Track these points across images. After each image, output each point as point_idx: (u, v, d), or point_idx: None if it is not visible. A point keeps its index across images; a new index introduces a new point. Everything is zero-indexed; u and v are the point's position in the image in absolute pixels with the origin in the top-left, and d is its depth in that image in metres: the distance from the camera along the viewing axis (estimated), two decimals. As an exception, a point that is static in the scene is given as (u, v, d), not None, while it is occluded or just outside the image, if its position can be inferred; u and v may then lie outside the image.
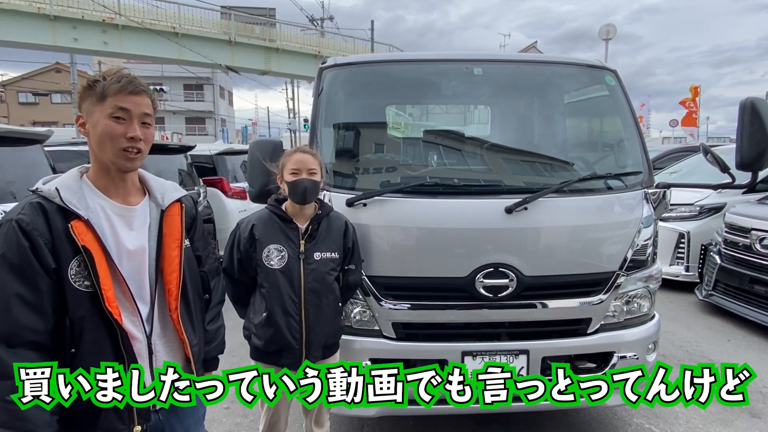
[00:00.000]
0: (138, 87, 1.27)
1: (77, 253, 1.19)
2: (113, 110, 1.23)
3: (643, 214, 2.45)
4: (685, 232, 5.73)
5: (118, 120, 1.23)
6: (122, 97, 1.23)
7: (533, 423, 2.93)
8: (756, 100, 2.32)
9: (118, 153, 1.24)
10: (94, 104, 1.24)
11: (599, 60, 2.86)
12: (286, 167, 1.95)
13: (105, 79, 1.24)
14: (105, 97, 1.23)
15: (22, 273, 1.15)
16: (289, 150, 2.04)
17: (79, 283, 1.19)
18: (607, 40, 17.00)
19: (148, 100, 1.30)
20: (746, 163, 2.34)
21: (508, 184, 2.54)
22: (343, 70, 2.76)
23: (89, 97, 1.25)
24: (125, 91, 1.24)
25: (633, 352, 2.44)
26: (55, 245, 1.18)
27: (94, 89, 1.24)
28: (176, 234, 1.37)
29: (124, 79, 1.25)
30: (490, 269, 2.27)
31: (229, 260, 2.03)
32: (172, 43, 20.57)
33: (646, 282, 2.49)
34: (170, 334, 1.37)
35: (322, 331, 2.01)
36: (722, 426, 2.96)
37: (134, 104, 1.25)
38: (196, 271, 1.47)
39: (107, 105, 1.23)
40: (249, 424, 3.00)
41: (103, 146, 1.24)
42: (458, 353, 2.32)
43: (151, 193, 1.39)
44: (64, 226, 1.19)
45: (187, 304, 1.39)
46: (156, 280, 1.33)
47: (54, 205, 1.20)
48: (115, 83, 1.23)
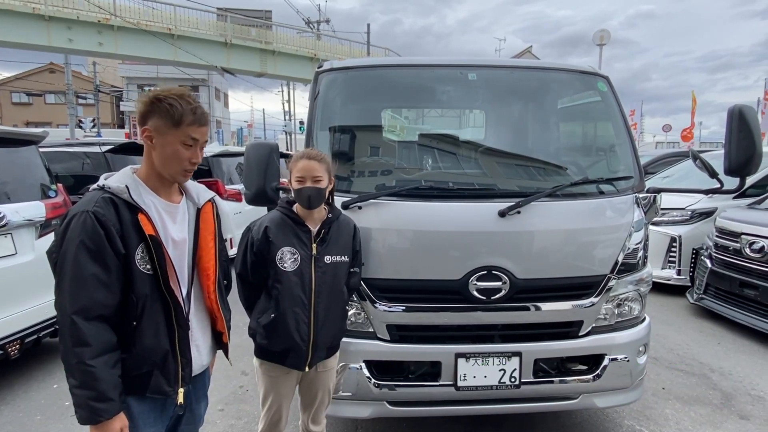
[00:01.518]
0: (206, 119, 1.47)
1: (141, 241, 1.39)
2: (186, 139, 1.43)
3: (634, 219, 2.49)
4: (677, 236, 5.79)
5: (187, 147, 1.44)
6: (195, 129, 1.44)
7: (526, 425, 2.96)
8: (744, 108, 2.37)
9: (180, 172, 1.46)
10: (169, 127, 1.41)
11: (591, 66, 2.90)
12: (293, 173, 1.96)
13: (180, 105, 1.40)
14: (180, 124, 1.41)
15: (98, 256, 1.33)
16: (297, 154, 2.02)
17: (143, 266, 1.40)
18: (602, 46, 17.15)
19: (207, 129, 1.51)
20: (734, 168, 2.38)
21: (502, 188, 2.58)
22: (339, 74, 2.78)
23: (161, 117, 1.40)
24: (198, 123, 1.44)
25: (624, 355, 2.48)
26: (123, 234, 1.37)
27: (170, 113, 1.39)
28: (211, 228, 1.61)
29: (198, 110, 1.44)
30: (484, 272, 2.30)
31: (242, 264, 2.02)
32: (167, 44, 20.54)
33: (636, 285, 2.53)
34: (201, 313, 1.60)
35: (328, 333, 2.03)
36: (712, 428, 3.00)
37: (201, 134, 1.47)
38: (222, 261, 1.70)
39: (182, 133, 1.41)
40: (243, 425, 3.01)
41: (168, 164, 1.44)
42: (452, 355, 2.34)
43: (187, 193, 1.60)
44: (131, 218, 1.38)
45: (219, 287, 1.63)
46: (193, 266, 1.55)
47: (122, 200, 1.38)
48: (191, 114, 1.42)
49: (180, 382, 1.51)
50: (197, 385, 1.66)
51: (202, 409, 1.74)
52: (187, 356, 1.52)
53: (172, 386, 1.49)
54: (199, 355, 1.59)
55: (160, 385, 1.46)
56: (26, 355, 3.55)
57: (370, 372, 2.37)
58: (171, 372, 1.48)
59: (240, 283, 2.06)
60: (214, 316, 1.64)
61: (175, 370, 1.49)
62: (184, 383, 1.53)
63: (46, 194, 3.89)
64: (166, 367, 1.47)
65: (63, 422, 3.08)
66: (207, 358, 1.65)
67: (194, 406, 1.67)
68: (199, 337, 1.59)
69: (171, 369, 1.48)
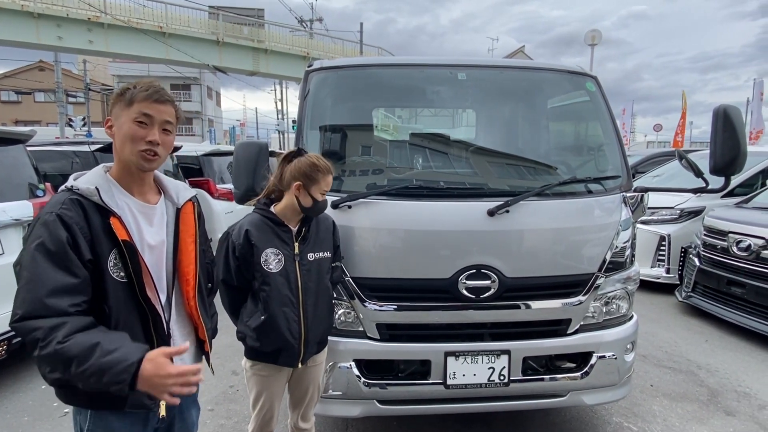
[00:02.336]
0: (163, 96, 1.39)
1: (113, 246, 1.30)
2: (137, 115, 1.34)
3: (622, 217, 2.51)
4: (666, 235, 5.85)
5: (141, 124, 1.35)
6: (147, 104, 1.35)
7: (515, 422, 2.98)
8: (729, 108, 2.40)
9: (136, 154, 1.35)
10: (123, 109, 1.35)
11: (580, 66, 2.93)
12: (320, 185, 1.95)
13: (135, 88, 1.37)
14: (132, 103, 1.34)
15: (58, 260, 1.23)
16: (322, 166, 1.98)
17: (116, 274, 1.31)
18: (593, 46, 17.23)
19: (172, 110, 1.41)
20: (719, 168, 2.41)
21: (491, 187, 2.59)
22: (329, 73, 2.78)
23: (119, 102, 1.36)
24: (151, 99, 1.36)
25: (612, 352, 2.50)
26: (93, 239, 1.28)
27: (124, 96, 1.36)
28: (191, 230, 1.52)
29: (151, 88, 1.37)
30: (473, 271, 2.31)
31: (225, 269, 2.00)
32: (159, 42, 20.39)
33: (624, 283, 2.55)
34: (183, 319, 1.51)
35: (318, 328, 2.06)
36: (698, 424, 3.03)
37: (157, 111, 1.37)
38: (205, 264, 1.62)
39: (133, 110, 1.34)
40: (233, 425, 3.00)
41: (124, 147, 1.35)
42: (441, 353, 2.36)
43: (166, 192, 1.51)
44: (101, 222, 1.29)
45: (200, 293, 1.54)
46: (173, 271, 1.46)
47: (91, 203, 1.30)
48: (143, 91, 1.35)
49: None
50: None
51: (194, 416, 1.67)
52: None
53: (153, 398, 1.36)
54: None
55: (140, 398, 1.34)
56: (14, 356, 3.52)
57: (360, 371, 2.38)
58: None
59: (224, 289, 2.04)
60: (194, 323, 1.53)
61: None
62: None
63: (34, 193, 3.86)
64: None
65: (51, 423, 3.06)
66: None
67: (185, 414, 1.60)
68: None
69: None
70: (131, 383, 1.18)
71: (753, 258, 4.36)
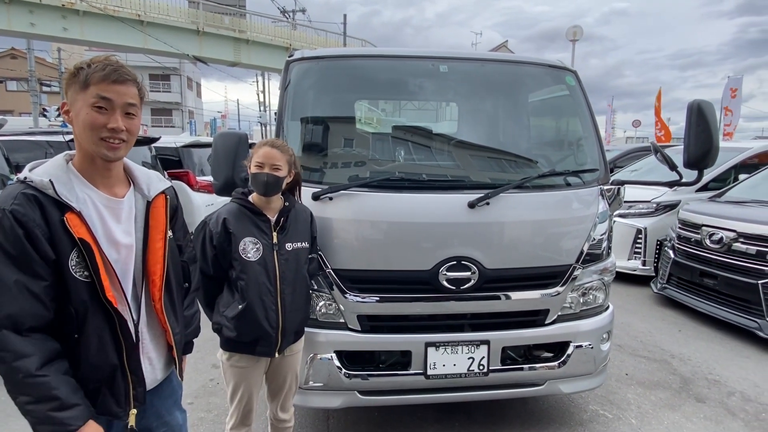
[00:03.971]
0: (123, 75, 1.23)
1: (74, 245, 1.19)
2: (95, 99, 1.20)
3: (599, 210, 2.56)
4: (643, 228, 5.98)
5: (100, 110, 1.21)
6: (105, 86, 1.21)
7: (495, 411, 3.03)
8: (702, 103, 2.45)
9: (98, 142, 1.22)
10: (77, 92, 1.21)
11: (560, 60, 2.96)
12: (253, 158, 1.98)
13: (90, 66, 1.21)
14: (88, 85, 1.20)
15: (19, 261, 1.15)
16: (261, 141, 2.04)
17: (79, 273, 1.21)
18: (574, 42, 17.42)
19: (134, 90, 1.27)
20: (692, 162, 2.47)
21: (472, 180, 2.61)
22: (310, 63, 2.76)
23: (74, 84, 1.22)
24: (108, 80, 1.21)
25: (588, 342, 2.56)
26: (53, 237, 1.18)
27: (78, 77, 1.21)
28: (161, 226, 1.39)
29: (108, 67, 1.22)
30: (453, 262, 2.33)
31: (203, 259, 1.99)
32: (136, 31, 19.90)
33: (601, 274, 2.60)
34: (154, 322, 1.40)
35: (296, 318, 2.06)
36: (670, 410, 3.13)
37: (117, 94, 1.22)
38: (178, 262, 1.50)
39: (89, 94, 1.20)
40: (213, 418, 2.98)
41: (84, 135, 1.23)
42: (422, 344, 2.38)
43: (136, 183, 1.38)
44: (59, 218, 1.18)
45: (170, 294, 1.42)
46: (142, 270, 1.35)
47: (48, 197, 1.18)
48: (99, 71, 1.20)
49: (132, 403, 1.32)
50: (162, 395, 1.48)
51: (179, 419, 1.56)
52: (138, 374, 1.33)
53: (123, 407, 1.30)
54: (152, 369, 1.39)
55: (108, 405, 1.28)
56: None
57: (340, 362, 2.39)
58: (120, 391, 1.30)
59: (200, 280, 2.02)
60: (162, 328, 1.41)
61: (125, 390, 1.30)
62: (137, 403, 1.34)
63: (4, 184, 3.75)
64: (115, 386, 1.29)
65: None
66: (161, 373, 1.44)
67: (167, 419, 1.50)
68: (152, 349, 1.39)
69: (120, 388, 1.29)
70: None
71: (725, 250, 4.49)
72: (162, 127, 38.44)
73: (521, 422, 2.93)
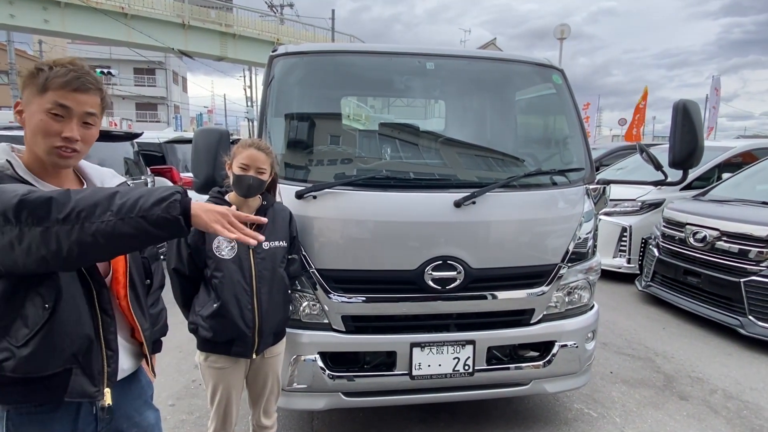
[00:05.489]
0: (85, 84, 1.17)
1: None
2: (52, 106, 1.14)
3: (585, 209, 2.55)
4: (628, 226, 6.02)
5: (55, 117, 1.14)
6: (64, 93, 1.14)
7: (480, 411, 3.02)
8: (687, 103, 2.46)
9: (50, 150, 1.16)
10: (34, 94, 1.15)
11: (548, 59, 2.94)
12: (237, 159, 1.93)
13: (51, 69, 1.14)
14: (46, 89, 1.13)
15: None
16: (244, 141, 1.98)
17: None
18: (562, 40, 17.50)
19: (96, 99, 1.20)
20: (678, 161, 2.48)
21: (459, 179, 2.59)
22: (294, 58, 2.71)
23: (31, 85, 1.15)
24: (69, 87, 1.15)
25: (573, 341, 2.55)
26: None
27: (37, 79, 1.14)
28: None
29: (71, 73, 1.15)
30: (439, 262, 2.30)
31: (177, 258, 1.96)
32: (120, 24, 19.52)
33: (586, 274, 2.60)
34: (121, 319, 1.34)
35: (273, 319, 2.01)
36: (654, 409, 3.15)
37: (76, 102, 1.16)
38: (139, 259, 1.45)
39: (46, 99, 1.13)
40: (195, 420, 2.93)
41: (36, 141, 1.16)
42: (407, 345, 2.35)
43: (89, 181, 1.33)
44: None
45: (134, 291, 1.37)
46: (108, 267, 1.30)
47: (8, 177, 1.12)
48: (60, 76, 1.14)
49: (105, 381, 1.25)
50: (131, 396, 1.41)
51: (152, 418, 1.49)
52: (113, 348, 1.26)
53: (97, 386, 1.22)
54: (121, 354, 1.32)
55: (81, 385, 1.19)
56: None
57: (324, 363, 2.35)
58: (95, 367, 1.21)
59: (176, 279, 1.99)
60: (130, 324, 1.36)
61: (100, 366, 1.23)
62: (110, 382, 1.27)
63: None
64: (91, 360, 1.21)
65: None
66: (128, 363, 1.37)
67: (137, 419, 1.43)
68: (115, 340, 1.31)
69: (96, 363, 1.22)
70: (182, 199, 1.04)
71: (708, 249, 4.54)
72: (147, 122, 37.85)
73: (506, 422, 2.92)
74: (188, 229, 1.07)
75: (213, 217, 1.09)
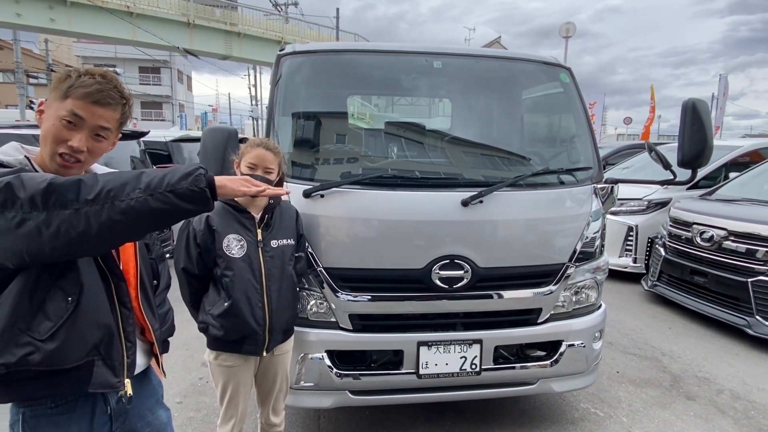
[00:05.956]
0: (106, 99, 1.17)
1: None
2: (67, 114, 1.15)
3: (593, 208, 2.55)
4: (634, 225, 6.00)
5: (68, 124, 1.15)
6: (83, 104, 1.15)
7: (486, 410, 3.01)
8: (697, 101, 2.44)
9: (53, 156, 1.17)
10: (56, 99, 1.17)
11: (554, 57, 2.93)
12: (245, 158, 1.95)
13: (78, 78, 1.16)
14: (67, 96, 1.15)
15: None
16: (252, 140, 2.00)
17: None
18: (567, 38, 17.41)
19: (116, 115, 1.21)
20: (687, 160, 2.46)
21: (466, 178, 2.58)
22: (301, 57, 2.71)
23: (57, 89, 1.17)
24: (89, 99, 1.16)
25: (580, 341, 2.55)
26: None
27: (62, 85, 1.16)
28: None
29: (95, 85, 1.16)
30: (446, 261, 2.30)
31: (186, 257, 1.96)
32: (126, 22, 19.60)
33: (594, 273, 2.59)
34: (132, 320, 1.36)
35: (283, 316, 2.02)
36: (660, 408, 3.14)
37: (92, 115, 1.16)
38: (147, 259, 1.46)
39: (64, 106, 1.15)
40: (202, 418, 2.94)
41: (44, 143, 1.18)
42: (414, 344, 2.35)
43: None
44: None
45: (144, 292, 1.38)
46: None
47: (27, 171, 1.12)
48: (83, 87, 1.15)
49: (125, 372, 1.27)
50: (144, 393, 1.43)
51: (164, 417, 1.51)
52: (131, 339, 1.29)
53: (119, 377, 1.24)
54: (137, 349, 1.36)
55: (104, 376, 1.21)
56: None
57: (332, 362, 2.36)
58: (116, 357, 1.23)
59: (185, 279, 2.00)
60: (141, 325, 1.38)
61: (120, 357, 1.25)
62: (130, 373, 1.30)
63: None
64: (110, 352, 1.22)
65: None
66: (141, 359, 1.39)
67: (150, 418, 1.45)
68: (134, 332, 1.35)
69: (118, 353, 1.24)
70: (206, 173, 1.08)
71: (715, 248, 4.51)
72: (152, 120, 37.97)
73: (512, 421, 2.92)
74: (214, 200, 1.11)
75: (238, 183, 1.16)
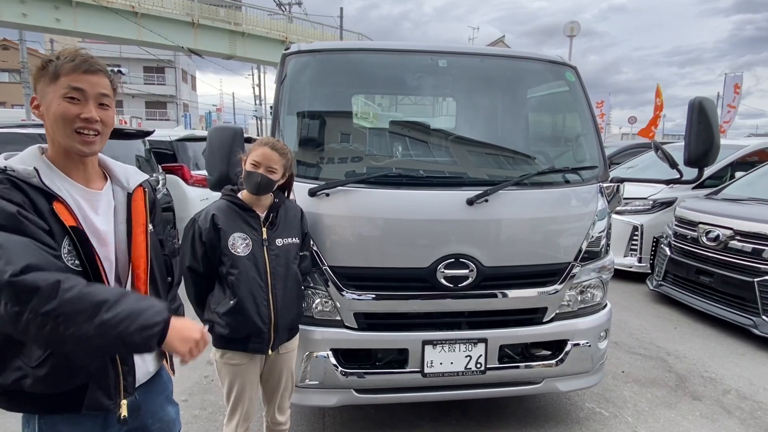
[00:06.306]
0: (93, 66, 1.21)
1: (65, 234, 1.16)
2: (67, 90, 1.17)
3: (598, 207, 2.54)
4: (639, 225, 5.97)
5: (72, 101, 1.18)
6: (76, 77, 1.18)
7: (491, 409, 3.01)
8: (704, 100, 2.43)
9: (72, 135, 1.18)
10: (48, 85, 1.18)
11: (560, 56, 2.92)
12: (251, 156, 1.96)
13: (59, 59, 1.19)
14: (58, 76, 1.17)
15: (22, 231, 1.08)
16: (261, 139, 2.01)
17: (71, 262, 1.17)
18: (572, 37, 17.36)
19: (106, 81, 1.24)
20: (693, 159, 2.45)
21: (470, 177, 2.58)
22: (307, 57, 2.71)
23: (43, 77, 1.19)
24: (79, 71, 1.18)
25: (586, 340, 2.54)
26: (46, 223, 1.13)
27: (47, 69, 1.18)
28: (141, 219, 1.36)
29: (78, 57, 1.19)
30: (451, 260, 2.31)
31: (192, 255, 1.97)
32: (131, 22, 19.67)
33: (599, 272, 2.59)
34: None
35: (288, 314, 2.03)
36: (666, 408, 3.13)
37: (89, 84, 1.19)
38: (161, 255, 1.47)
39: (60, 85, 1.17)
40: (208, 416, 2.95)
41: (57, 129, 1.18)
42: (419, 342, 2.35)
43: (113, 177, 1.36)
44: (47, 207, 1.14)
45: (155, 288, 1.39)
46: (127, 264, 1.32)
47: (32, 187, 1.14)
48: (68, 62, 1.18)
49: (122, 393, 1.27)
50: (155, 391, 1.45)
51: (172, 413, 1.53)
52: (128, 363, 1.28)
53: (113, 399, 1.25)
54: (143, 362, 1.36)
55: (97, 398, 1.22)
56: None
57: (337, 360, 2.36)
58: (110, 382, 1.24)
59: (190, 277, 2.01)
60: None
61: (115, 380, 1.25)
62: (127, 394, 1.29)
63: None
64: (105, 377, 1.23)
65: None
66: (153, 365, 1.42)
67: (160, 414, 1.47)
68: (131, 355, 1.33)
69: (110, 378, 1.24)
70: (163, 330, 1.09)
71: (721, 248, 4.49)
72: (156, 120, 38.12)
73: (517, 420, 2.92)
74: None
75: (185, 348, 1.16)
